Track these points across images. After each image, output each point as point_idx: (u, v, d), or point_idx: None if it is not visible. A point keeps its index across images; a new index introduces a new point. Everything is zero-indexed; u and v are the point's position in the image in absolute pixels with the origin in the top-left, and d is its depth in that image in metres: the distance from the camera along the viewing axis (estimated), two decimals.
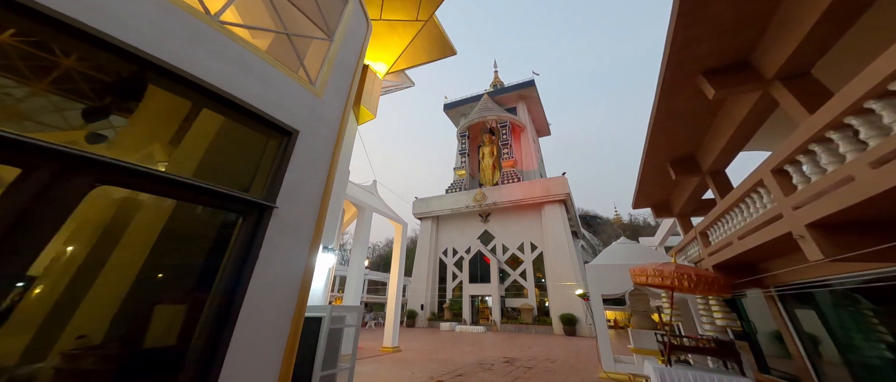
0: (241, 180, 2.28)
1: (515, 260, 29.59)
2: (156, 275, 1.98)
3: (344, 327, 4.97)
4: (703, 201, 9.78)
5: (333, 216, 7.91)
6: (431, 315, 30.11)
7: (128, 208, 1.94)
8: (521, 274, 28.58)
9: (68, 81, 1.69)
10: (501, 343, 16.62)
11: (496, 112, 40.20)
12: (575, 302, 23.20)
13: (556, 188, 28.95)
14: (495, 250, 30.88)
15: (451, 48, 10.89)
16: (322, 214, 2.60)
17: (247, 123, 2.36)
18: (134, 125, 1.96)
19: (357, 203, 11.86)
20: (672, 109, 6.22)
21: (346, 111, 3.35)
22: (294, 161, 2.47)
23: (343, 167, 8.43)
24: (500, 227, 31.84)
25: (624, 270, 6.85)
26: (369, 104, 9.32)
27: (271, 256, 2.13)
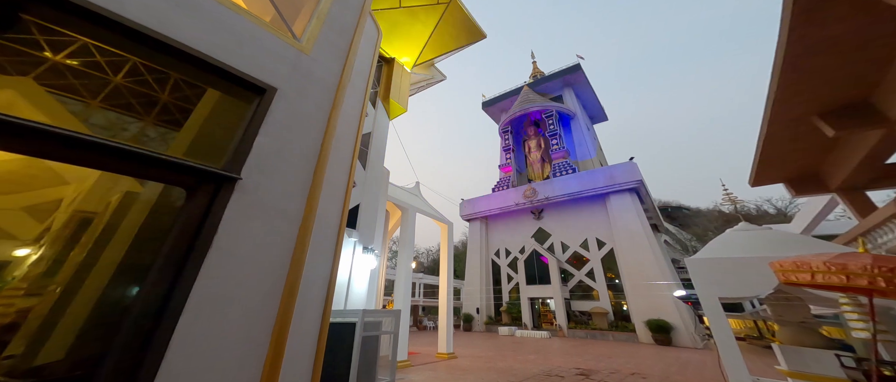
0: (197, 150, 1.79)
1: (579, 259, 27.00)
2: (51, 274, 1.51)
3: (380, 333, 4.41)
4: (890, 165, 6.97)
5: (371, 215, 7.59)
6: (488, 319, 29.01)
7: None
8: (588, 274, 25.92)
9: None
10: (571, 350, 14.97)
11: (539, 103, 38.01)
12: (664, 305, 19.94)
13: (623, 176, 25.75)
14: (553, 248, 28.67)
15: (479, 32, 10.11)
16: (315, 190, 2.01)
17: (204, 78, 1.87)
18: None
19: (400, 205, 11.57)
20: (817, 38, 4.43)
21: (346, 73, 2.77)
22: (270, 123, 1.93)
23: (377, 165, 8.14)
24: (556, 224, 29.55)
25: (753, 265, 5.09)
26: (399, 98, 8.97)
27: (237, 246, 1.56)
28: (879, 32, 4.36)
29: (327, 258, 3.64)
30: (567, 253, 27.72)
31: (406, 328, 9.97)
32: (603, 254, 25.44)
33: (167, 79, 1.79)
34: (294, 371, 1.81)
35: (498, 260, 32.12)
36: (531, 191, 30.80)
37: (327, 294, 3.54)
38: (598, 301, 24.34)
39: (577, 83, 40.53)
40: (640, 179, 25.26)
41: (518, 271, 28.14)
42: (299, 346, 2.04)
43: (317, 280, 3.37)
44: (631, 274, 22.61)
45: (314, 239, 3.41)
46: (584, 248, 26.89)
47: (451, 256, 13.09)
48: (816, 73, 5.05)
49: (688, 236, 44.16)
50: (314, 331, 2.84)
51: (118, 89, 1.69)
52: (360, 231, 7.17)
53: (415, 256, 56.25)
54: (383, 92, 9.14)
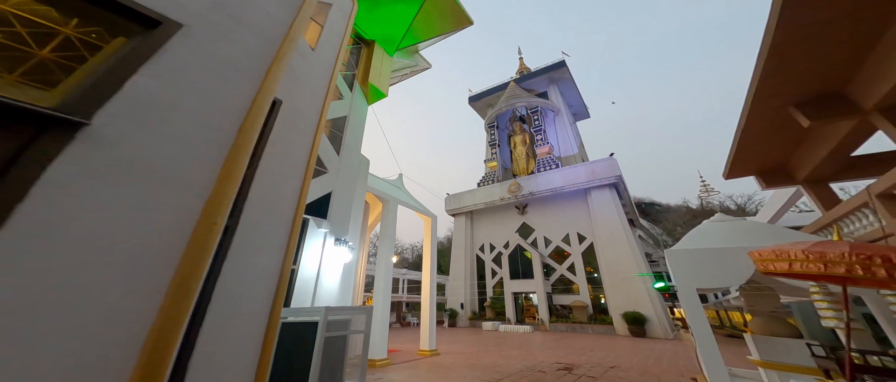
0: None
1: (561, 254, 27.28)
2: None
3: (349, 333, 3.99)
4: (855, 157, 7.24)
5: (345, 205, 7.11)
6: (472, 315, 28.95)
7: None
8: (568, 268, 26.23)
9: None
10: (553, 344, 14.97)
11: (525, 99, 38.04)
12: (640, 298, 20.50)
13: (604, 171, 26.13)
14: (536, 243, 28.84)
15: (466, 18, 9.71)
16: (236, 159, 1.56)
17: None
18: None
19: (380, 196, 11.10)
20: (805, 22, 4.37)
21: (296, 26, 2.32)
22: (163, 64, 1.45)
23: (354, 151, 7.63)
24: (539, 218, 29.73)
25: (731, 255, 5.01)
26: (379, 82, 8.45)
27: (73, 220, 1.05)
28: (867, 16, 4.29)
29: (275, 247, 3.18)
30: (550, 248, 27.96)
31: (385, 325, 9.57)
32: (584, 248, 25.82)
33: None
34: None
35: (482, 255, 32.08)
36: (516, 186, 30.83)
37: (277, 290, 3.08)
38: (578, 295, 24.71)
39: (561, 80, 40.80)
40: (619, 174, 25.73)
41: (502, 265, 28.14)
42: (227, 354, 1.63)
43: (256, 274, 2.91)
44: (610, 268, 23.06)
45: (247, 222, 2.94)
46: (565, 242, 27.20)
47: (434, 250, 12.76)
48: (799, 60, 5.04)
49: (659, 231, 46.04)
50: (255, 333, 2.40)
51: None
52: (332, 222, 6.68)
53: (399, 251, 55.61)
54: (362, 75, 8.62)
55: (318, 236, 6.46)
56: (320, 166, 6.90)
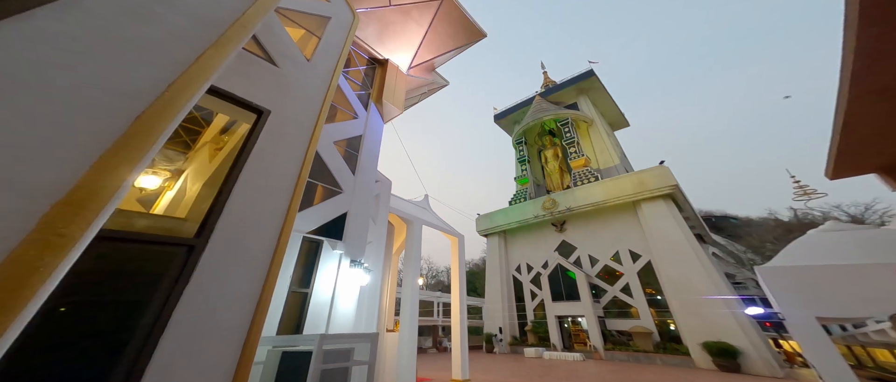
0: None
1: (611, 273, 24.74)
2: None
3: (351, 365, 3.53)
4: None
5: (361, 225, 6.85)
6: (513, 340, 27.01)
7: None
8: (623, 290, 23.55)
9: None
10: (611, 377, 13.15)
11: (552, 111, 36.97)
12: (725, 325, 16.83)
13: (655, 181, 23.58)
14: (580, 262, 26.66)
15: (477, 31, 9.57)
16: (118, 160, 1.25)
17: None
18: None
19: (404, 217, 10.85)
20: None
21: (254, 10, 2.10)
22: (24, 33, 1.19)
23: (370, 170, 7.48)
24: (581, 236, 27.63)
25: (870, 274, 3.74)
26: (394, 99, 8.44)
27: None
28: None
29: (254, 268, 2.89)
30: (597, 267, 25.55)
31: (413, 350, 8.96)
32: (639, 267, 23.08)
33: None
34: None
35: (519, 276, 30.37)
36: (551, 202, 29.27)
37: (254, 315, 2.76)
38: (639, 320, 21.88)
39: (591, 90, 39.28)
40: (674, 184, 22.97)
41: (542, 287, 26.25)
42: (191, 376, 1.73)
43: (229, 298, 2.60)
44: (677, 290, 20.00)
45: (220, 241, 2.65)
46: (615, 261, 24.66)
47: (462, 271, 12.15)
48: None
49: (741, 249, 39.15)
50: (227, 360, 2.05)
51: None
52: (348, 243, 6.43)
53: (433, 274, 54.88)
54: (376, 94, 8.67)
55: (332, 258, 6.23)
56: (334, 186, 6.80)
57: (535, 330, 25.81)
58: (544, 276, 26.13)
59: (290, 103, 3.71)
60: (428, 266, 54.59)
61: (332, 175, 6.78)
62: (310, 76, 3.98)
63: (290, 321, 5.52)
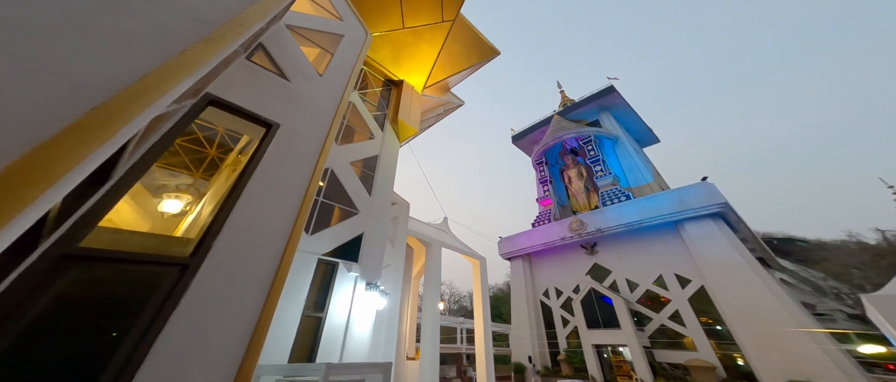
0: None
1: (655, 299, 22.44)
2: None
3: None
4: None
5: (377, 247, 6.60)
6: (544, 370, 25.00)
7: None
8: (671, 318, 21.07)
9: None
10: None
11: (573, 129, 36.27)
12: (815, 362, 14.14)
13: (699, 199, 21.45)
14: (617, 286, 24.69)
15: (490, 49, 9.61)
16: (61, 151, 1.06)
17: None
18: None
19: (423, 239, 10.56)
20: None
21: (253, 12, 2.00)
22: None
23: (385, 191, 7.32)
24: (616, 258, 25.80)
25: None
26: (409, 119, 8.44)
27: None
28: None
29: (253, 289, 2.64)
30: (637, 292, 23.41)
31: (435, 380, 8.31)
32: (690, 293, 20.65)
33: None
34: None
35: (548, 301, 28.66)
36: (578, 223, 27.92)
37: (251, 340, 2.48)
38: (696, 353, 19.23)
39: (613, 106, 38.44)
40: (722, 202, 20.68)
41: (575, 313, 24.45)
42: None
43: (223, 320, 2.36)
44: (742, 320, 17.33)
45: (217, 259, 2.44)
46: (659, 286, 22.39)
47: (485, 295, 11.52)
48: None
49: (818, 275, 33.96)
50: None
51: None
52: (364, 265, 6.17)
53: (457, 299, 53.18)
54: (392, 114, 8.73)
55: (348, 281, 5.97)
56: (351, 206, 6.67)
57: (569, 360, 23.81)
58: (576, 301, 24.40)
59: (301, 118, 3.63)
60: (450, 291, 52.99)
61: (348, 196, 6.68)
62: (322, 91, 3.94)
63: (303, 347, 5.22)
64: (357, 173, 7.05)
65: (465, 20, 8.90)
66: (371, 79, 8.76)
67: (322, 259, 5.85)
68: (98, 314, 1.99)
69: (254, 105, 3.30)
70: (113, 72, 1.31)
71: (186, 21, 1.72)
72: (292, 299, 5.20)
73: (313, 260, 5.69)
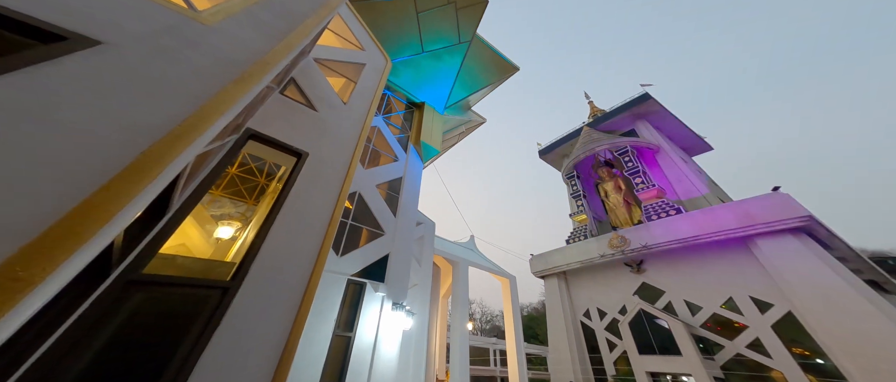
0: None
1: (726, 324, 19.45)
2: None
3: None
4: None
5: (403, 267, 6.69)
6: None
7: None
8: (751, 346, 17.96)
9: None
10: None
11: (606, 141, 34.84)
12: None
13: (771, 211, 18.45)
14: (672, 308, 22.22)
15: (509, 66, 9.78)
16: (113, 193, 1.25)
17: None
18: None
19: (449, 258, 10.55)
20: None
21: (278, 54, 2.26)
22: (43, 72, 1.31)
23: (410, 212, 7.49)
24: (669, 278, 23.30)
25: None
26: (432, 139, 8.70)
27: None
28: None
29: (282, 312, 2.78)
30: (701, 316, 20.46)
31: None
32: (773, 319, 17.51)
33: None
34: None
35: (589, 323, 26.78)
36: (619, 239, 26.09)
37: (279, 364, 2.61)
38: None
39: (650, 113, 36.51)
40: (805, 214, 17.70)
41: (622, 336, 22.46)
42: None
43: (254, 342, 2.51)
44: (853, 353, 14.22)
45: (253, 282, 2.63)
46: (730, 309, 19.27)
47: (517, 315, 11.12)
48: None
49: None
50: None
51: None
52: (390, 285, 6.27)
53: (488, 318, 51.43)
54: (414, 136, 9.04)
55: (375, 301, 6.08)
56: (377, 228, 6.88)
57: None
58: (624, 323, 22.41)
59: (327, 145, 3.91)
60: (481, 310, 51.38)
61: (374, 218, 6.92)
62: (346, 119, 4.23)
63: (333, 367, 5.33)
64: (382, 195, 7.32)
65: (482, 40, 9.17)
66: (394, 102, 9.24)
67: (351, 279, 6.04)
68: (156, 333, 2.23)
69: (286, 136, 3.62)
70: (159, 116, 1.54)
71: (219, 64, 1.98)
72: (324, 318, 5.38)
73: (343, 281, 5.89)
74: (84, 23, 1.58)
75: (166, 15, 1.92)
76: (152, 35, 1.78)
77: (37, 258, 0.97)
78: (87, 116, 1.30)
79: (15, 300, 0.90)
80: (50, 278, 0.99)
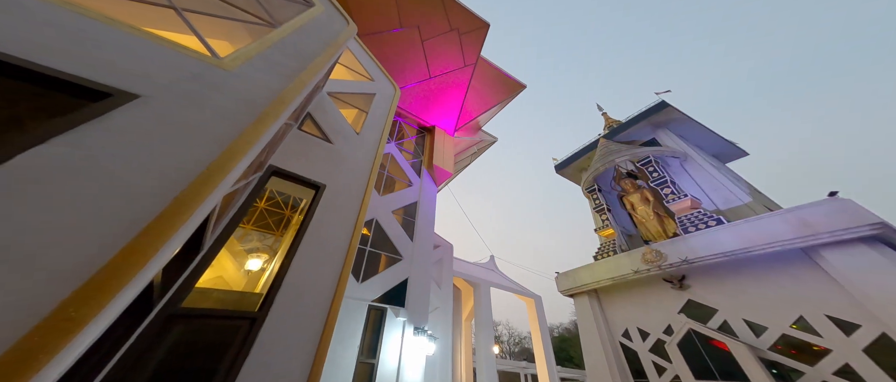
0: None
1: (802, 348, 16.71)
2: None
3: None
4: None
5: (423, 291, 6.67)
6: None
7: None
8: (842, 373, 15.22)
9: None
10: None
11: (626, 151, 33.48)
12: None
13: (835, 219, 16.28)
14: (729, 328, 19.58)
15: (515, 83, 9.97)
16: (154, 236, 1.38)
17: None
18: None
19: (470, 280, 10.43)
20: None
21: (291, 93, 2.47)
22: (93, 130, 1.50)
23: (426, 235, 7.54)
24: (719, 294, 20.39)
25: None
26: (444, 162, 8.86)
27: None
28: None
29: (302, 342, 2.86)
30: (767, 337, 17.82)
31: None
32: (864, 342, 15.07)
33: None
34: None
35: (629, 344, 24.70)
36: (654, 254, 23.80)
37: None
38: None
39: (670, 121, 34.67)
40: (877, 221, 15.63)
41: (672, 359, 20.00)
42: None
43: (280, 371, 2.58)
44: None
45: (276, 315, 2.74)
46: (804, 330, 16.68)
47: (546, 337, 10.65)
48: None
49: None
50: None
51: None
52: (410, 310, 6.24)
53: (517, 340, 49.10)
54: (427, 160, 9.24)
55: (397, 326, 6.05)
56: (394, 253, 6.97)
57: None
58: (671, 345, 20.11)
59: (343, 175, 4.11)
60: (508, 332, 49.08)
61: (391, 243, 7.02)
62: (359, 149, 4.44)
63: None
64: (399, 221, 7.45)
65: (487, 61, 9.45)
66: (405, 128, 9.57)
67: (372, 305, 6.08)
68: (194, 363, 2.39)
69: (305, 170, 3.85)
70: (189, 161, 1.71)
71: (240, 106, 2.18)
72: (348, 344, 5.41)
73: (364, 307, 5.94)
74: (125, 79, 1.80)
75: (192, 64, 2.16)
76: (181, 83, 1.99)
77: (87, 299, 1.11)
78: (129, 166, 1.48)
79: (68, 340, 1.03)
80: (98, 316, 1.12)
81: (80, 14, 1.96)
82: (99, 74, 1.75)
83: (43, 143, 1.35)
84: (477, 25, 8.74)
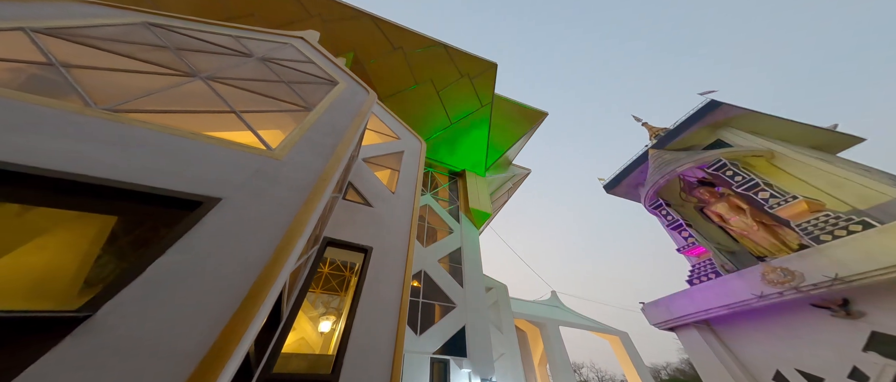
0: None
1: None
2: None
3: None
4: None
5: (483, 338, 6.46)
6: None
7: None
8: None
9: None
10: None
11: (688, 158, 29.49)
12: None
13: None
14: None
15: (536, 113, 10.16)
16: (244, 317, 1.73)
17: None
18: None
19: (533, 320, 9.91)
20: None
21: (332, 166, 2.92)
22: (196, 237, 1.95)
23: (476, 279, 7.46)
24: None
25: None
26: (480, 204, 8.98)
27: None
28: None
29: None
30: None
31: None
32: None
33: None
34: None
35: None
36: (778, 272, 18.13)
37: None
38: None
39: (733, 119, 30.71)
40: None
41: None
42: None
43: None
44: None
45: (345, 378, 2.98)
46: None
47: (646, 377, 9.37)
48: None
49: None
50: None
51: None
52: (473, 359, 6.04)
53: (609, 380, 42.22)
54: (463, 204, 9.46)
55: (462, 378, 5.86)
56: (447, 301, 6.99)
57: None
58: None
59: (386, 235, 4.49)
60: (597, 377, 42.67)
61: (443, 292, 7.09)
62: (396, 207, 4.86)
63: None
64: (446, 268, 7.57)
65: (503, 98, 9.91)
66: (437, 177, 10.07)
67: (434, 358, 6.02)
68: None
69: (353, 235, 4.31)
70: (262, 248, 2.14)
71: (293, 192, 2.62)
72: None
73: (426, 360, 5.90)
74: (212, 186, 2.28)
75: (254, 160, 2.65)
76: (249, 180, 2.46)
77: (205, 373, 1.46)
78: (221, 261, 1.93)
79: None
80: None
81: (174, 135, 2.51)
82: (192, 186, 2.25)
83: (163, 254, 1.85)
84: (485, 68, 9.47)
